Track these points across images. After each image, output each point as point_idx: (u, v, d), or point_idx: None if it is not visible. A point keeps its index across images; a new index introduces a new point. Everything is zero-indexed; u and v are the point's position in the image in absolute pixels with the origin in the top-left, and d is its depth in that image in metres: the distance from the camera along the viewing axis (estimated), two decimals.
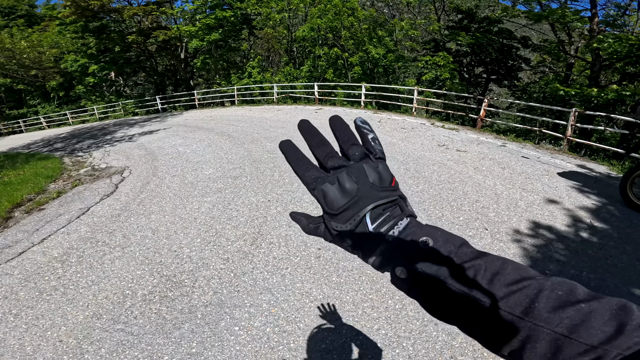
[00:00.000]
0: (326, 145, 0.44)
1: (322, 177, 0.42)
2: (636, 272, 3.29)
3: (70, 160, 9.63)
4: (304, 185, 0.43)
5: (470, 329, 0.35)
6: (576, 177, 5.79)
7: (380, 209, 0.40)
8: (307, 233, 0.46)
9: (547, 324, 0.29)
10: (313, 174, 0.42)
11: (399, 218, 0.41)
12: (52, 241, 4.50)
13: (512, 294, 0.32)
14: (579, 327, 0.28)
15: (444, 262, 0.36)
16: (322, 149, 0.43)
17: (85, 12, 19.81)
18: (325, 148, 0.43)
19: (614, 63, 13.15)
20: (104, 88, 25.69)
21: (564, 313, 0.29)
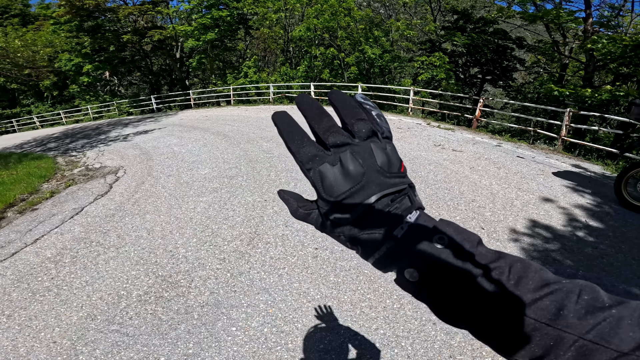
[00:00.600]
0: (327, 117, 0.36)
1: (321, 155, 0.35)
2: (632, 270, 3.31)
3: (64, 160, 9.54)
4: (298, 165, 0.36)
5: (487, 334, 0.32)
6: (571, 177, 5.82)
7: (388, 199, 0.35)
8: (297, 218, 0.40)
9: (577, 330, 0.28)
10: (310, 151, 0.35)
11: (408, 211, 0.36)
12: (45, 241, 4.44)
13: (539, 299, 0.30)
14: (609, 334, 0.27)
15: (465, 262, 0.32)
16: (323, 121, 0.36)
17: (80, 11, 19.65)
18: (327, 121, 0.36)
19: (607, 64, 13.27)
20: (98, 87, 25.50)
21: (594, 319, 0.28)
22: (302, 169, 0.36)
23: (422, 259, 0.33)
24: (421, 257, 0.33)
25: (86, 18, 20.75)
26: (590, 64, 13.45)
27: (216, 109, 18.22)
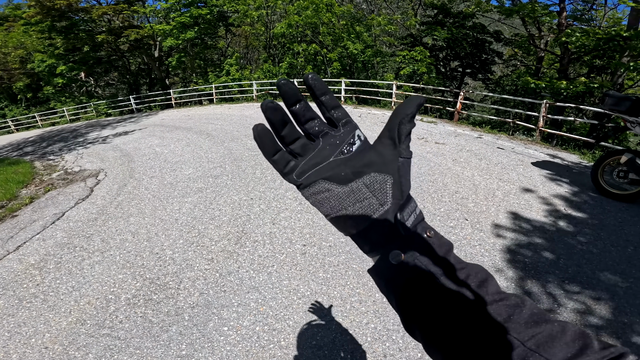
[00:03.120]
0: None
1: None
2: (611, 257, 3.42)
3: (42, 164, 9.27)
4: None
5: (444, 337, 0.33)
6: (549, 167, 6.01)
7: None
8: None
9: (520, 336, 0.30)
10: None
11: (415, 204, 0.39)
12: (27, 248, 4.34)
13: (496, 302, 0.32)
14: (546, 345, 0.29)
15: (439, 260, 0.35)
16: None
17: (51, 11, 19.00)
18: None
19: (582, 56, 13.66)
20: (74, 89, 24.76)
21: (537, 329, 0.30)
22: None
23: (414, 243, 0.36)
24: (414, 241, 0.36)
25: (58, 18, 20.06)
26: (565, 57, 13.82)
27: (198, 107, 17.97)
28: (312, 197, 0.38)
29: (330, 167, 0.37)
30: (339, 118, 0.39)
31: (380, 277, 0.36)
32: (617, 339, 2.48)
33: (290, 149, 0.38)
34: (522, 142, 7.77)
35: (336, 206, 0.36)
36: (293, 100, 0.37)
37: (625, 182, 4.55)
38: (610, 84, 11.72)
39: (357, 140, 0.39)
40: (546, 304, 2.86)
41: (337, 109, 0.39)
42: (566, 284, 3.06)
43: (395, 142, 0.38)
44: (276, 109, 0.36)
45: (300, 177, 0.38)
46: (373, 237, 0.36)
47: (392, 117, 0.39)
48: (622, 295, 2.89)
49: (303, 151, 0.38)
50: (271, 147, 0.38)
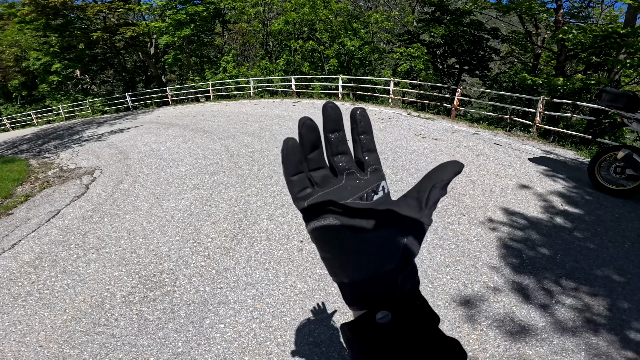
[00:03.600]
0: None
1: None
2: (609, 253, 3.42)
3: (37, 162, 9.20)
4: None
5: None
6: (546, 162, 6.01)
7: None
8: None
9: None
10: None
11: (416, 270, 0.37)
12: (22, 246, 4.30)
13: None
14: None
15: (424, 331, 0.33)
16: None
17: (45, 9, 18.85)
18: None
19: (578, 53, 13.67)
20: (70, 86, 24.60)
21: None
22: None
23: (404, 308, 0.33)
24: (404, 307, 0.33)
25: (53, 16, 19.90)
26: (561, 54, 13.83)
27: (195, 105, 17.89)
28: (316, 231, 0.35)
29: None
30: (369, 163, 0.37)
31: (356, 334, 0.33)
32: (616, 335, 2.48)
33: (310, 175, 0.36)
34: (519, 139, 7.78)
35: (338, 249, 0.34)
36: (332, 127, 0.35)
37: (622, 178, 4.56)
38: (607, 80, 11.75)
39: (380, 191, 0.36)
40: (543, 300, 2.85)
41: (372, 153, 0.37)
42: (563, 280, 3.06)
43: (421, 205, 0.36)
44: (314, 128, 0.34)
45: (309, 205, 0.35)
46: (365, 292, 0.33)
47: (425, 178, 0.36)
48: (620, 291, 2.89)
49: (322, 182, 0.36)
50: (295, 166, 0.35)
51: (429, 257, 3.47)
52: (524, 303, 2.82)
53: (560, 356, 2.35)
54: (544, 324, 2.60)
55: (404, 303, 0.33)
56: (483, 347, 2.44)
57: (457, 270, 3.26)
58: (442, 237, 3.79)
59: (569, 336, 2.49)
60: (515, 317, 2.68)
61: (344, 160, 0.36)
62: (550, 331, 2.54)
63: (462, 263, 3.35)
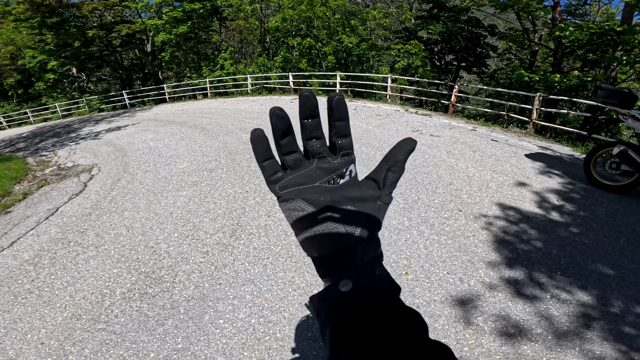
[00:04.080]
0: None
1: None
2: (604, 248, 3.46)
3: (35, 160, 9.19)
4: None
5: None
6: (542, 158, 6.05)
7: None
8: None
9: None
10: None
11: (379, 246, 0.41)
12: (22, 244, 4.31)
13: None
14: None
15: (383, 299, 0.37)
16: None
17: (40, 7, 18.70)
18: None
19: (575, 50, 13.70)
20: (66, 84, 24.45)
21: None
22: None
23: (365, 277, 0.36)
24: (365, 276, 0.36)
25: (48, 14, 19.74)
26: (558, 51, 13.85)
27: (193, 102, 17.84)
28: (287, 212, 0.39)
29: (313, 190, 0.38)
30: (341, 147, 0.39)
31: (323, 303, 0.36)
32: (610, 330, 2.52)
33: (283, 159, 0.39)
34: (516, 135, 7.81)
35: (306, 228, 0.38)
36: (308, 114, 0.38)
37: (618, 174, 4.60)
38: (604, 77, 11.78)
39: (347, 174, 0.40)
40: (539, 295, 2.89)
41: (345, 137, 0.39)
42: (559, 275, 3.10)
43: (379, 185, 0.39)
44: (283, 117, 0.37)
45: (282, 190, 0.39)
46: (332, 264, 0.37)
47: (382, 161, 0.40)
48: (615, 286, 2.93)
49: (294, 165, 0.39)
50: (264, 153, 0.39)
51: (426, 252, 3.50)
52: (520, 298, 2.86)
53: (554, 351, 2.38)
54: (539, 319, 2.64)
55: (363, 272, 0.37)
56: (479, 342, 2.47)
57: (454, 265, 3.29)
58: (439, 233, 3.82)
59: (564, 331, 2.53)
60: (510, 312, 2.72)
61: (317, 145, 0.39)
62: (545, 326, 2.58)
63: (459, 258, 3.39)
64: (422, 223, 4.03)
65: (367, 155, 6.37)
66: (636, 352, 2.34)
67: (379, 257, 0.39)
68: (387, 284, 0.37)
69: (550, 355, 2.35)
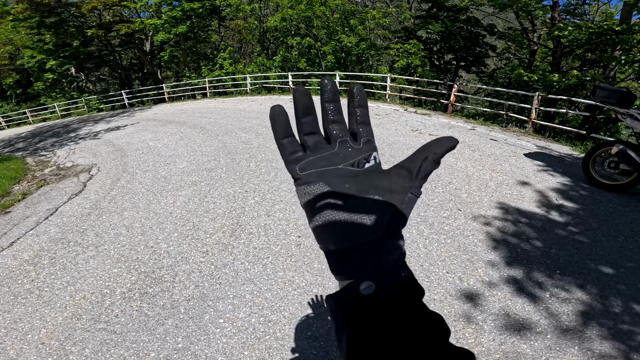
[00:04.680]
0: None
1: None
2: (602, 247, 3.47)
3: (34, 160, 9.18)
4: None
5: None
6: (541, 158, 6.06)
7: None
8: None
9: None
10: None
11: (403, 242, 0.38)
12: (21, 244, 4.31)
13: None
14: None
15: (408, 303, 0.34)
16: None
17: (40, 7, 18.66)
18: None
19: (574, 50, 13.71)
20: (65, 84, 24.41)
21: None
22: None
23: (389, 278, 0.33)
24: (389, 277, 0.33)
25: (47, 14, 19.70)
26: (557, 50, 13.87)
27: (192, 101, 17.83)
28: (305, 196, 0.35)
29: (337, 174, 0.35)
30: (362, 134, 0.38)
31: (340, 304, 0.32)
32: (609, 329, 2.53)
33: (304, 140, 0.37)
34: (515, 134, 7.83)
35: (325, 215, 0.34)
36: (329, 98, 0.37)
37: (616, 173, 4.61)
38: (602, 77, 11.80)
39: (372, 159, 0.37)
40: (538, 294, 2.90)
41: (366, 125, 0.38)
42: (557, 274, 3.11)
43: (412, 175, 0.36)
44: (305, 93, 0.36)
45: (302, 172, 0.36)
46: (351, 260, 0.33)
47: (419, 150, 0.37)
48: (613, 285, 2.94)
49: (315, 147, 0.37)
50: (284, 129, 0.36)
51: (425, 251, 3.51)
52: (519, 297, 2.87)
53: (554, 350, 2.39)
54: (538, 318, 2.65)
55: (388, 273, 0.33)
56: (478, 341, 2.48)
57: (453, 264, 3.30)
58: (438, 232, 3.83)
59: (563, 330, 2.54)
60: (510, 311, 2.73)
61: (338, 129, 0.37)
62: (545, 325, 2.59)
63: (458, 257, 3.40)
64: (421, 222, 4.04)
65: None
66: (635, 351, 2.35)
67: (403, 255, 0.36)
68: (411, 288, 0.34)
69: (549, 354, 2.36)
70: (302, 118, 0.36)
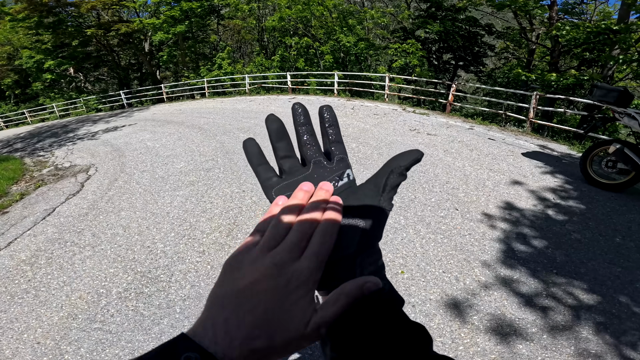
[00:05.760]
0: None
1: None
2: (599, 246, 3.47)
3: (32, 160, 9.16)
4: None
5: None
6: (539, 157, 6.06)
7: None
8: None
9: None
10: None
11: (380, 256, 0.39)
12: (18, 244, 4.30)
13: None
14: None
15: (386, 313, 0.35)
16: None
17: (38, 7, 18.63)
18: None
19: (572, 49, 13.71)
20: (63, 84, 24.38)
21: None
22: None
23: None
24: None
25: (46, 14, 19.67)
26: (555, 50, 13.87)
27: (190, 101, 17.81)
28: None
29: None
30: (335, 152, 0.39)
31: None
32: (606, 329, 2.52)
33: (280, 164, 0.39)
34: (513, 133, 7.83)
35: None
36: (301, 121, 0.39)
37: (614, 172, 4.61)
38: (600, 76, 11.80)
39: (345, 177, 0.38)
40: (534, 294, 2.90)
41: (338, 144, 0.39)
42: (554, 273, 3.11)
43: (379, 190, 0.37)
44: (275, 120, 0.38)
45: (277, 195, 0.37)
46: (328, 276, 0.34)
47: (385, 165, 0.38)
48: (610, 285, 2.94)
49: (290, 170, 0.38)
50: (257, 158, 0.39)
51: (422, 250, 3.51)
52: (515, 297, 2.86)
53: (550, 350, 2.39)
54: (534, 318, 2.64)
55: None
56: (474, 341, 2.48)
57: (450, 264, 3.30)
58: (435, 231, 3.83)
59: (559, 330, 2.54)
60: (506, 311, 2.73)
61: (312, 150, 0.39)
62: (541, 325, 2.58)
63: (455, 257, 3.40)
64: (418, 222, 4.04)
65: (365, 154, 6.37)
66: (632, 350, 2.35)
67: (381, 269, 0.37)
68: (391, 298, 0.35)
69: (545, 354, 2.36)
70: (275, 143, 0.39)
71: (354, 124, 8.64)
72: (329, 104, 0.40)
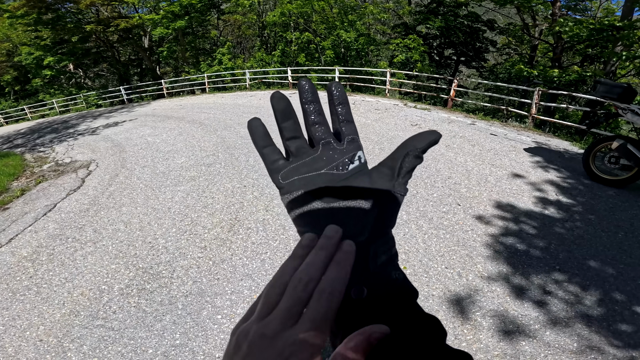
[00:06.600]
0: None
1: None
2: (602, 243, 3.45)
3: (32, 156, 9.15)
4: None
5: None
6: (541, 153, 6.03)
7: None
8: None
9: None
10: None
11: (393, 243, 0.38)
12: (20, 240, 4.30)
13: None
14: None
15: (399, 306, 0.34)
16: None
17: (37, 3, 18.52)
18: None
19: (575, 45, 13.63)
20: (63, 80, 24.31)
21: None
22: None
23: (379, 282, 0.32)
24: (379, 280, 0.32)
25: (45, 10, 19.55)
26: (558, 46, 13.80)
27: (191, 97, 17.76)
28: (288, 205, 0.35)
29: (319, 180, 0.34)
30: (346, 133, 0.37)
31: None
32: (609, 326, 2.51)
33: (286, 145, 0.36)
34: (515, 129, 7.79)
35: (310, 222, 0.34)
36: (308, 98, 0.36)
37: (616, 168, 4.59)
38: (603, 72, 11.75)
39: (356, 160, 0.36)
40: (537, 290, 2.89)
41: (349, 123, 0.37)
42: (557, 270, 3.10)
43: (394, 174, 0.35)
44: (282, 98, 0.35)
45: (284, 180, 0.35)
46: None
47: (400, 146, 0.35)
48: (613, 281, 2.93)
49: (297, 152, 0.36)
50: (262, 139, 0.36)
51: (424, 246, 3.50)
52: (518, 293, 2.86)
53: (552, 347, 2.38)
54: (537, 315, 2.64)
55: (377, 276, 0.32)
56: (477, 338, 2.47)
57: (452, 259, 3.29)
58: (438, 227, 3.82)
59: (562, 327, 2.53)
60: (508, 307, 2.72)
61: (321, 131, 0.36)
62: (544, 322, 2.57)
63: (457, 252, 3.39)
64: (420, 217, 4.03)
65: (366, 149, 6.35)
66: (634, 348, 2.34)
67: (394, 257, 0.35)
68: (404, 290, 0.33)
69: (548, 351, 2.35)
70: (281, 123, 0.36)
71: (356, 119, 8.54)
72: (338, 81, 0.37)
